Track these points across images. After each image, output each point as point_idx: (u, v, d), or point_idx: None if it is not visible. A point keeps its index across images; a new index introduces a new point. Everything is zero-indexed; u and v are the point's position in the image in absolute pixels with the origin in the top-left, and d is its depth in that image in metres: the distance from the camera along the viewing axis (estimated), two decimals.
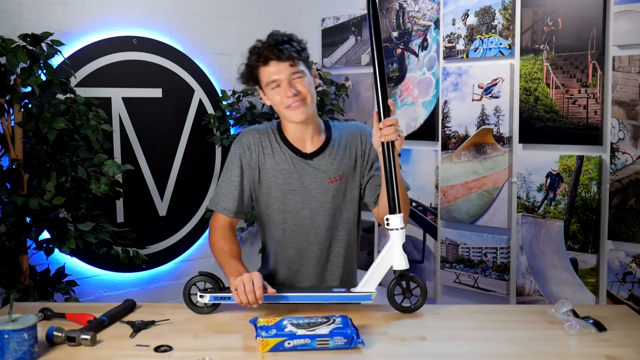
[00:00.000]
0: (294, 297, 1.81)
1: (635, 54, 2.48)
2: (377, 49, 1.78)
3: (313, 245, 1.94)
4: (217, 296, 1.78)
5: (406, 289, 1.80)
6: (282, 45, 1.80)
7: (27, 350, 1.44)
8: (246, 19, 3.59)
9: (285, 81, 1.81)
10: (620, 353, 1.52)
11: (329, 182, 1.90)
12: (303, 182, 1.90)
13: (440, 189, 3.15)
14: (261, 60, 1.81)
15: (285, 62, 1.80)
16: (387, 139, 1.74)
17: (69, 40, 2.88)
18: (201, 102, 3.41)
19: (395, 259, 1.79)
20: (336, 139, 1.94)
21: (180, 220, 3.37)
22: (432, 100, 3.19)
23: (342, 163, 1.92)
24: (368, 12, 1.80)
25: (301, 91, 1.82)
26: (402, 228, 1.79)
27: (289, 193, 1.90)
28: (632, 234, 2.52)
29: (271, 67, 1.81)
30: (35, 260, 2.69)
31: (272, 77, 1.82)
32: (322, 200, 1.91)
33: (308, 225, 1.92)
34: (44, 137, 2.45)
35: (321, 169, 1.90)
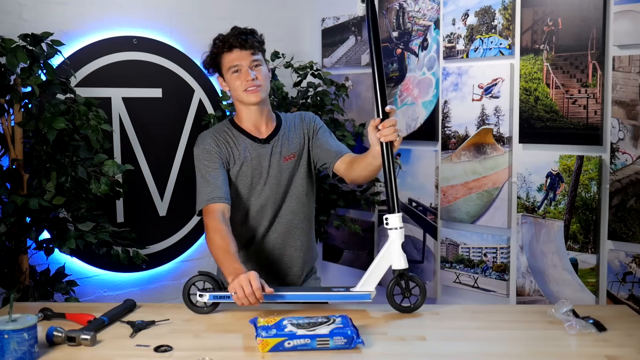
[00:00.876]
0: (292, 297, 1.82)
1: (635, 54, 2.48)
2: (375, 52, 1.90)
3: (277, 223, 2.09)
4: (217, 295, 1.78)
5: (405, 288, 1.80)
6: (245, 35, 2.00)
7: (27, 350, 1.44)
8: (246, 19, 3.58)
9: (246, 67, 1.99)
10: (620, 353, 1.52)
11: (284, 160, 2.09)
12: (262, 164, 2.07)
13: (440, 189, 3.15)
14: (226, 47, 2.00)
15: (247, 50, 1.99)
16: (386, 139, 1.83)
17: (69, 40, 2.88)
18: (201, 102, 3.40)
19: (395, 258, 1.79)
20: (285, 124, 2.15)
21: (180, 220, 3.37)
22: (432, 100, 3.19)
23: (293, 142, 2.11)
24: (367, 16, 1.89)
25: (259, 77, 2.01)
26: (401, 227, 1.80)
27: (253, 177, 2.07)
28: (632, 234, 2.52)
29: (234, 54, 2.00)
30: (35, 260, 2.69)
31: (234, 63, 2.00)
32: (279, 178, 2.08)
33: (271, 203, 2.08)
34: (44, 137, 2.45)
35: (276, 150, 2.08)
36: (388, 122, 1.83)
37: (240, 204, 2.09)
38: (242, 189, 2.08)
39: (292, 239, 2.12)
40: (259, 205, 2.08)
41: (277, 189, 2.08)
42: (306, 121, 2.17)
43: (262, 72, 2.02)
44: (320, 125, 2.18)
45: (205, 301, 1.80)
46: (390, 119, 1.84)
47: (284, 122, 2.15)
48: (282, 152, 2.09)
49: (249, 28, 2.05)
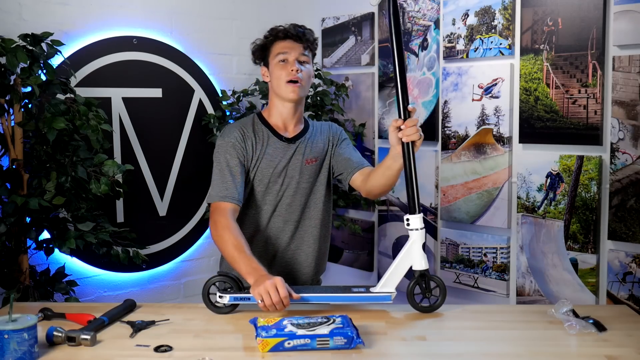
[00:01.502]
0: (314, 298, 1.81)
1: (635, 54, 2.48)
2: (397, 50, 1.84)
3: (289, 224, 2.07)
4: (237, 297, 1.78)
5: (426, 288, 1.81)
6: (302, 30, 2.03)
7: (27, 350, 1.44)
8: (246, 19, 3.59)
9: (294, 59, 2.00)
10: (620, 353, 1.52)
11: (306, 163, 2.07)
12: (285, 164, 2.05)
13: (440, 189, 3.16)
14: (280, 35, 2.02)
15: (300, 44, 2.01)
16: (409, 139, 1.82)
17: (69, 40, 2.88)
18: (201, 102, 3.41)
19: (415, 259, 1.80)
20: (312, 128, 2.15)
21: (180, 220, 3.37)
22: (432, 100, 3.19)
23: (317, 147, 2.11)
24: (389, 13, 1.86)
25: (304, 72, 2.01)
26: (422, 228, 1.80)
27: (272, 176, 2.05)
28: (632, 234, 2.52)
29: (287, 43, 2.01)
30: (35, 260, 2.69)
31: (284, 51, 2.01)
32: (299, 180, 2.06)
33: (286, 204, 2.06)
34: (44, 137, 2.45)
35: (300, 152, 2.07)
36: (410, 121, 1.82)
37: (255, 201, 2.07)
38: (258, 185, 2.06)
39: (304, 246, 2.10)
40: (273, 205, 2.06)
41: (295, 191, 2.06)
42: (332, 130, 2.18)
43: (307, 71, 2.03)
44: (345, 138, 2.19)
45: (225, 302, 1.79)
46: (412, 119, 1.83)
47: (311, 127, 2.15)
48: (306, 155, 2.08)
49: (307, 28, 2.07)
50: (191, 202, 3.42)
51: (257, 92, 3.43)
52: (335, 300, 1.83)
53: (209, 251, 3.52)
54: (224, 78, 3.51)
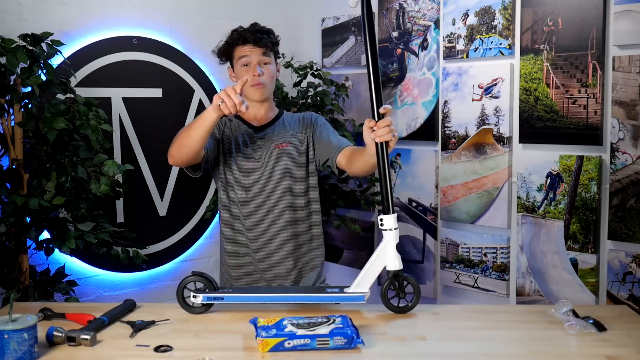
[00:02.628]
0: (283, 298, 1.81)
1: (635, 54, 2.48)
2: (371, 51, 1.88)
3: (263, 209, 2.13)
4: (210, 297, 1.78)
5: (399, 289, 1.80)
6: (262, 34, 2.11)
7: (27, 350, 1.44)
8: (246, 19, 3.55)
9: (254, 63, 2.10)
10: (620, 353, 1.52)
11: (276, 147, 2.14)
12: (254, 149, 2.14)
13: (440, 189, 3.15)
14: (241, 40, 2.11)
15: (260, 48, 2.10)
16: (381, 139, 1.83)
17: (69, 40, 2.88)
18: (201, 102, 3.41)
19: (389, 259, 1.79)
20: (285, 118, 2.22)
21: (180, 220, 3.37)
22: (432, 100, 3.19)
23: (289, 133, 2.17)
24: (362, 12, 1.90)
25: (265, 74, 2.11)
26: (396, 228, 1.79)
27: (243, 161, 2.14)
28: (632, 234, 2.52)
29: (247, 48, 2.10)
30: (35, 260, 2.69)
31: (244, 54, 2.11)
32: (269, 164, 2.13)
33: (259, 189, 2.13)
34: (44, 137, 2.45)
35: (268, 138, 2.16)
36: (382, 122, 1.83)
37: (229, 186, 2.15)
38: (229, 170, 2.15)
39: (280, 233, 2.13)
40: (245, 189, 2.13)
41: (266, 176, 2.13)
42: (306, 119, 2.23)
43: (269, 72, 2.12)
44: (321, 123, 2.22)
45: (199, 302, 1.79)
46: (384, 119, 1.83)
47: (283, 116, 2.24)
48: (275, 140, 2.15)
49: (267, 28, 2.16)
50: (191, 202, 3.42)
51: None
52: (307, 300, 1.83)
53: (209, 251, 3.52)
54: (224, 78, 3.50)
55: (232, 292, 1.81)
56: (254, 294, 1.82)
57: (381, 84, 1.94)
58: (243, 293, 1.82)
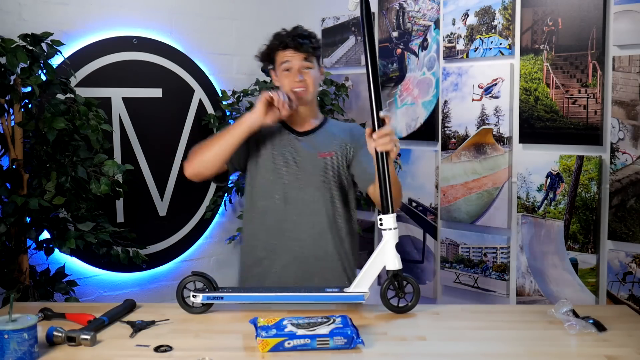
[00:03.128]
0: (285, 297, 1.81)
1: (635, 54, 2.48)
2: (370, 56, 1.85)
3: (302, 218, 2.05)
4: (210, 296, 1.78)
5: (399, 289, 1.80)
6: (302, 39, 2.05)
7: (27, 350, 1.44)
8: (246, 19, 3.59)
9: (296, 68, 2.05)
10: (620, 353, 1.52)
11: (319, 155, 2.08)
12: (295, 155, 2.08)
13: (440, 189, 3.15)
14: (282, 45, 2.07)
15: (301, 53, 2.05)
16: (382, 148, 1.81)
17: (69, 40, 2.88)
18: (201, 102, 3.41)
19: (389, 259, 1.79)
20: (330, 126, 2.16)
21: (180, 220, 3.37)
22: (432, 100, 3.19)
23: (333, 143, 2.11)
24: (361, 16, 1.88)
25: (307, 80, 2.06)
26: (395, 228, 1.79)
27: (282, 165, 2.07)
28: (632, 234, 2.52)
29: (288, 52, 2.05)
30: (35, 260, 2.69)
31: (286, 60, 2.06)
32: (311, 172, 2.06)
33: (299, 197, 2.05)
34: (44, 137, 2.45)
35: (312, 145, 2.09)
36: (382, 131, 1.81)
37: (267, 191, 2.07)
38: (267, 173, 2.07)
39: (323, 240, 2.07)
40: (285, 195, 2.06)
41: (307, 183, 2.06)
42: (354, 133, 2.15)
43: (311, 76, 2.07)
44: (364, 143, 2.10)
45: (199, 302, 1.79)
46: (384, 128, 1.81)
47: (329, 123, 2.18)
48: (319, 148, 2.09)
49: (308, 31, 2.10)
50: (191, 202, 3.42)
51: (257, 92, 3.43)
52: (307, 299, 1.82)
53: (209, 251, 3.52)
54: (224, 78, 3.51)
55: (232, 291, 1.81)
56: (254, 294, 1.82)
57: (381, 89, 1.91)
58: (243, 292, 1.82)
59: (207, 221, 3.48)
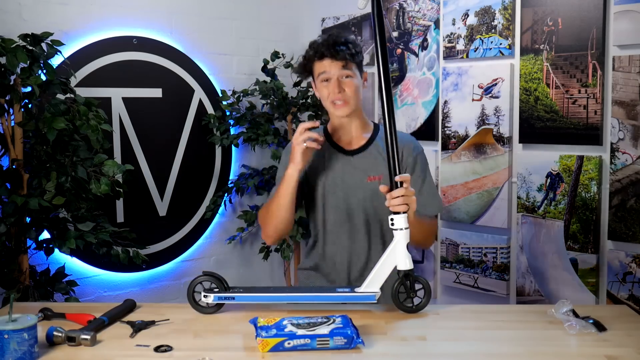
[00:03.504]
0: (296, 298, 1.81)
1: (635, 54, 2.48)
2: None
3: (353, 243, 1.98)
4: (221, 296, 1.78)
5: (410, 289, 1.80)
6: (339, 46, 1.91)
7: (27, 350, 1.44)
8: (246, 19, 3.59)
9: (335, 78, 1.92)
10: (620, 353, 1.52)
11: (368, 179, 1.95)
12: (343, 178, 1.96)
13: (440, 189, 3.15)
14: (317, 55, 1.93)
15: (338, 61, 1.91)
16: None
17: (69, 40, 2.88)
18: (201, 102, 3.41)
19: (400, 259, 1.78)
20: (380, 141, 1.99)
21: (180, 220, 3.37)
22: (432, 100, 3.19)
23: (383, 163, 1.93)
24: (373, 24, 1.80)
25: (347, 91, 1.92)
26: (407, 228, 1.77)
27: (330, 188, 1.97)
28: (632, 234, 2.52)
29: (325, 62, 1.92)
30: (35, 260, 2.69)
31: (323, 70, 1.93)
32: (359, 197, 1.95)
33: (347, 222, 1.97)
34: (44, 137, 2.45)
35: (361, 167, 1.96)
36: (397, 192, 1.73)
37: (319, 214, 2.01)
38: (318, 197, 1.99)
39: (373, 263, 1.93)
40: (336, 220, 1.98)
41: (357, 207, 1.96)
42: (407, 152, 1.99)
43: (353, 85, 1.93)
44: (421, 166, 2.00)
45: (209, 302, 1.79)
46: (398, 190, 1.73)
47: (378, 138, 2.01)
48: (367, 171, 1.96)
49: (344, 38, 1.94)
50: (191, 202, 3.41)
51: (257, 92, 3.43)
52: (318, 300, 1.82)
53: (209, 251, 3.52)
54: (224, 78, 3.51)
55: (242, 291, 1.80)
56: (265, 294, 1.81)
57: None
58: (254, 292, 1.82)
59: (207, 221, 3.48)
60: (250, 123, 3.41)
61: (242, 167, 3.63)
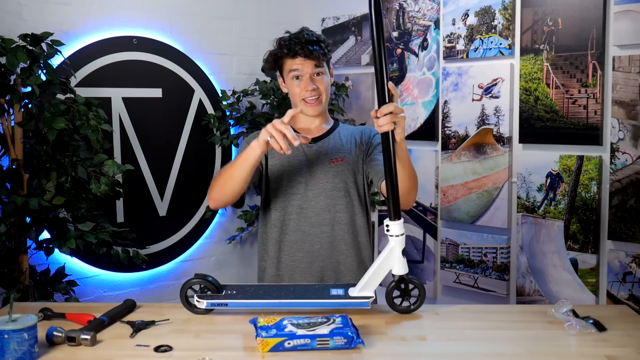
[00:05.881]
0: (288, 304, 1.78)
1: (635, 54, 2.48)
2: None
3: (315, 228, 1.98)
4: (214, 303, 1.78)
5: (405, 291, 1.80)
6: (312, 45, 1.91)
7: (27, 350, 1.44)
8: (246, 19, 3.59)
9: (307, 76, 1.93)
10: (620, 353, 1.52)
11: (331, 162, 1.98)
12: (307, 163, 1.99)
13: (440, 189, 3.15)
14: (290, 53, 1.92)
15: (311, 60, 1.91)
16: (382, 129, 1.64)
17: (69, 40, 2.88)
18: (201, 102, 3.41)
19: (395, 264, 1.78)
20: (340, 130, 2.06)
21: (180, 220, 3.37)
22: (432, 100, 3.19)
23: (344, 148, 2.00)
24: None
25: (319, 88, 1.94)
26: (402, 234, 1.76)
27: (293, 174, 1.99)
28: (632, 234, 2.52)
29: (297, 60, 1.92)
30: (35, 260, 2.69)
31: (295, 68, 1.93)
32: (323, 180, 1.98)
33: (311, 206, 1.98)
34: (44, 137, 2.45)
35: (323, 151, 2.00)
36: (384, 108, 1.62)
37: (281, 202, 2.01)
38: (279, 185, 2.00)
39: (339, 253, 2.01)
40: (299, 206, 1.99)
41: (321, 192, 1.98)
42: (364, 135, 2.04)
43: (324, 82, 1.95)
44: (376, 142, 2.01)
45: (202, 307, 1.79)
46: (387, 105, 1.62)
47: (339, 128, 2.07)
48: (330, 154, 1.99)
49: (316, 36, 1.95)
50: (191, 202, 3.42)
51: (257, 92, 3.43)
52: (312, 306, 1.80)
53: (209, 251, 3.52)
54: (224, 78, 3.51)
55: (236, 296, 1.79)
56: (257, 300, 1.80)
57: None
58: (247, 299, 1.81)
59: (207, 221, 3.48)
60: (250, 123, 3.41)
61: None
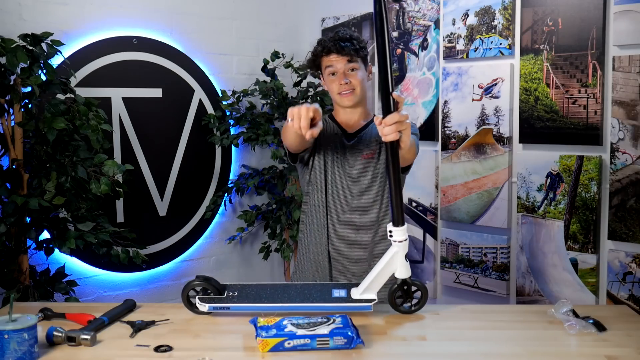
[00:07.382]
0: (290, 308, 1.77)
1: (635, 54, 2.48)
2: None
3: (344, 217, 2.10)
4: (216, 307, 1.77)
5: (407, 294, 1.80)
6: (344, 42, 2.06)
7: (27, 350, 1.44)
8: (246, 19, 3.59)
9: (341, 72, 2.07)
10: (620, 353, 1.52)
11: (362, 157, 2.11)
12: (343, 156, 2.12)
13: (440, 189, 3.15)
14: (325, 50, 2.08)
15: (344, 56, 2.05)
16: (387, 139, 1.67)
17: (69, 40, 2.88)
18: (201, 102, 3.41)
19: (398, 268, 1.78)
20: (372, 127, 2.16)
21: (180, 220, 3.37)
22: (432, 100, 3.19)
23: (374, 143, 2.12)
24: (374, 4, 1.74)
25: (352, 82, 2.07)
26: (406, 240, 1.76)
27: (331, 165, 2.12)
28: (632, 234, 2.52)
29: (332, 57, 2.07)
30: (35, 260, 2.69)
31: (330, 64, 2.08)
32: (355, 174, 2.11)
33: (342, 197, 2.10)
34: (44, 137, 2.45)
35: (357, 147, 2.12)
36: (390, 119, 1.65)
37: (314, 193, 2.14)
38: (316, 177, 2.13)
39: (360, 241, 2.09)
40: (332, 196, 2.11)
41: (351, 185, 2.10)
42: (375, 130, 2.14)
43: (358, 77, 2.07)
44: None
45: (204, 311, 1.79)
46: (392, 115, 1.65)
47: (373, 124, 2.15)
48: (363, 150, 2.11)
49: (349, 34, 2.09)
50: (191, 202, 3.42)
51: (257, 92, 3.43)
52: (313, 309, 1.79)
53: (209, 251, 3.52)
54: (224, 78, 3.51)
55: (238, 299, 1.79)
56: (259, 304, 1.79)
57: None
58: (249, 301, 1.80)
59: (207, 221, 3.48)
60: (250, 123, 3.41)
61: (242, 167, 3.63)
